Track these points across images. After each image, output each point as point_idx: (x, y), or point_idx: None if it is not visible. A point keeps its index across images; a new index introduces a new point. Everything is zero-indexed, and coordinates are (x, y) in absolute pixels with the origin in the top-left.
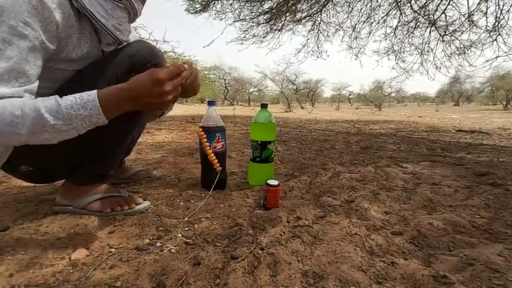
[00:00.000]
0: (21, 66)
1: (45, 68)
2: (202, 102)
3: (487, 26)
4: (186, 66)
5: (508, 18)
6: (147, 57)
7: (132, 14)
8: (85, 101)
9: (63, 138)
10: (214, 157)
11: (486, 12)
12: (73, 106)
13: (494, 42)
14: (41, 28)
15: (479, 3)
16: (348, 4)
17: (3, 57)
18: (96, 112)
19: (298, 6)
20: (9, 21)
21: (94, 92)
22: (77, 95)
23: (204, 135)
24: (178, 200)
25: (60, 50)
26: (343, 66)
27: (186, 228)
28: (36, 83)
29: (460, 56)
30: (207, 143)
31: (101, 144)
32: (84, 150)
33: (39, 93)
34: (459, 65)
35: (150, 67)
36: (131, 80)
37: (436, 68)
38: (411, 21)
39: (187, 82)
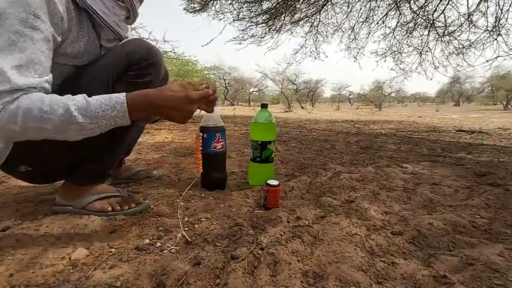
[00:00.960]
0: (37, 57)
1: None
2: None
3: (487, 26)
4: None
5: (508, 17)
6: (144, 55)
7: (132, 13)
8: (114, 103)
9: (86, 136)
10: (201, 161)
11: (486, 12)
12: (101, 106)
13: (495, 42)
14: (49, 20)
15: (478, 4)
16: (346, 4)
17: (18, 49)
18: (122, 114)
19: (297, 6)
20: (20, 14)
21: (123, 95)
22: (105, 95)
23: (200, 140)
24: (178, 200)
25: (61, 42)
26: (343, 66)
27: (186, 228)
28: (51, 75)
29: (458, 56)
30: (200, 148)
31: (100, 143)
32: (83, 150)
33: None
34: (458, 65)
35: (147, 65)
36: (164, 87)
37: (435, 67)
38: (410, 21)
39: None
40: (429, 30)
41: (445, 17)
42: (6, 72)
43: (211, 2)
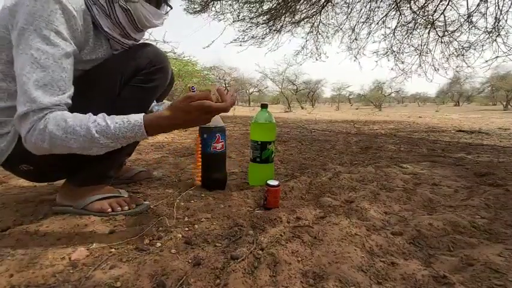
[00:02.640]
0: (59, 74)
1: None
2: None
3: (486, 27)
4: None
5: (507, 19)
6: (151, 59)
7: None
8: (132, 125)
9: (108, 150)
10: (200, 168)
11: (485, 13)
12: (121, 129)
13: (494, 42)
14: (69, 35)
15: (478, 4)
16: (347, 5)
17: (40, 67)
18: (140, 134)
19: (298, 6)
20: (42, 31)
21: (140, 118)
22: (124, 118)
23: (200, 144)
24: (178, 200)
25: (79, 52)
26: (343, 66)
27: (186, 228)
28: (73, 88)
29: (458, 58)
30: (199, 151)
31: None
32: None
33: None
34: (457, 66)
35: (155, 71)
36: (176, 108)
37: (435, 69)
38: (410, 21)
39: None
40: (429, 31)
41: (444, 18)
42: (31, 92)
43: (212, 2)
